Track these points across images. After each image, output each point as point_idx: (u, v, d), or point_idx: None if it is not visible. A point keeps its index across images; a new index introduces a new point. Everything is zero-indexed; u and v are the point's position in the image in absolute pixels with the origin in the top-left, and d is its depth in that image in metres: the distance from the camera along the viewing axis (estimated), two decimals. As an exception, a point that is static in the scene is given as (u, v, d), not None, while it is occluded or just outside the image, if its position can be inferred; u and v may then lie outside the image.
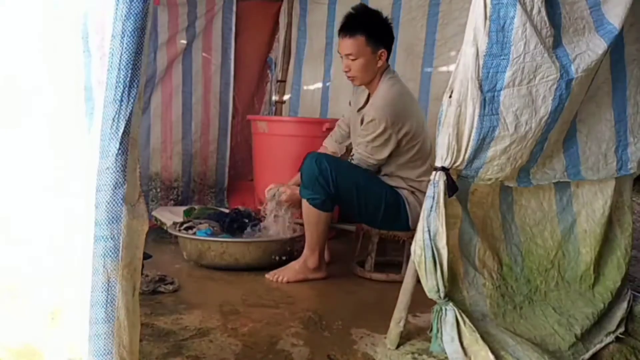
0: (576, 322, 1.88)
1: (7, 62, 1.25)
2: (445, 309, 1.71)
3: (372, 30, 2.58)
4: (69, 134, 1.19)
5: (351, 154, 2.70)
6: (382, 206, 2.59)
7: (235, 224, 2.86)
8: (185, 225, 2.88)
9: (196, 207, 3.18)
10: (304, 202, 2.58)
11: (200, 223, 2.89)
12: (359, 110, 2.76)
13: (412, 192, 2.65)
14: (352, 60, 2.59)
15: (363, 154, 2.60)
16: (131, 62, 1.12)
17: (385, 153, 2.59)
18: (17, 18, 1.23)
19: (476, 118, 1.64)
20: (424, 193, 2.61)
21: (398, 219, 2.63)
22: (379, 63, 2.62)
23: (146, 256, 2.49)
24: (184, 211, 3.14)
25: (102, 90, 1.14)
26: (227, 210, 3.17)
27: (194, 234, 2.79)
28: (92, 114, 1.15)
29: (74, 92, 1.17)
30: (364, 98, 2.76)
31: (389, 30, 2.66)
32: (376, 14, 2.66)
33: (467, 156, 1.69)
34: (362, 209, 2.60)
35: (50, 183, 1.21)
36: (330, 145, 2.97)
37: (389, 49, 2.65)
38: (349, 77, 2.67)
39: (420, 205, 2.58)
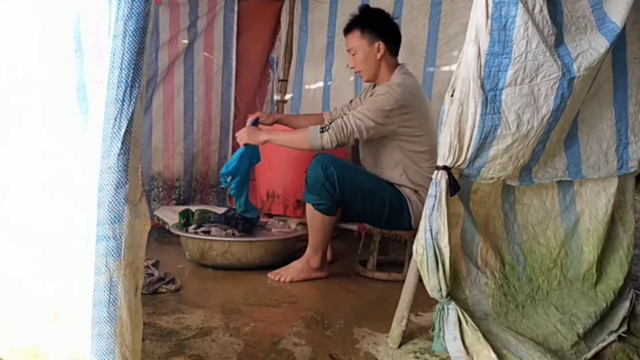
0: (578, 321, 1.88)
1: (4, 62, 1.26)
2: (448, 308, 1.71)
3: (366, 24, 2.66)
4: (65, 134, 1.19)
5: (327, 121, 2.77)
6: (386, 208, 2.59)
7: (248, 224, 2.85)
8: (202, 229, 2.84)
9: (193, 209, 3.15)
10: (309, 207, 2.57)
11: (212, 227, 2.87)
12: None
13: (415, 192, 2.64)
14: (353, 55, 2.69)
15: (353, 114, 2.50)
16: (133, 62, 1.13)
17: (371, 127, 2.48)
18: (9, 19, 1.24)
19: (478, 117, 1.64)
20: (427, 191, 2.63)
21: (401, 218, 2.63)
22: (378, 55, 2.65)
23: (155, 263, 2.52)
24: (180, 213, 3.10)
25: (98, 90, 1.14)
26: (222, 210, 3.14)
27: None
28: (86, 114, 1.16)
29: (67, 92, 1.17)
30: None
31: (390, 26, 2.71)
32: (375, 12, 2.74)
33: (469, 155, 1.69)
34: (366, 211, 2.61)
35: (50, 182, 1.21)
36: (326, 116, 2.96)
37: (390, 43, 2.68)
38: (356, 72, 2.77)
39: (423, 204, 2.59)
